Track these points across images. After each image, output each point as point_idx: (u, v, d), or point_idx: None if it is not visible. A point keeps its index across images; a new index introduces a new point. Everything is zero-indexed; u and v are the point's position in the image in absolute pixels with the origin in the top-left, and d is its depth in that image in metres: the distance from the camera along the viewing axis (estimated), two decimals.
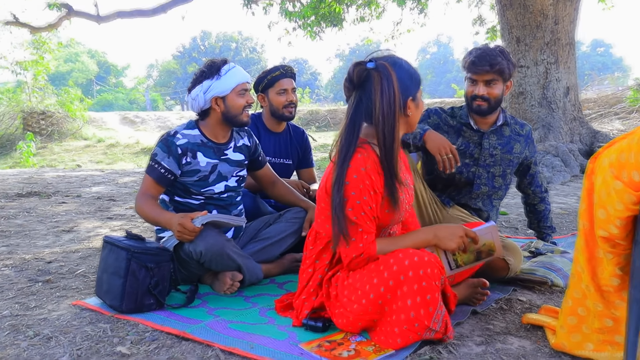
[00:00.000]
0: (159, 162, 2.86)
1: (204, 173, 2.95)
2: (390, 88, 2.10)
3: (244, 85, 2.98)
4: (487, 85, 3.10)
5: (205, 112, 2.98)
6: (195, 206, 2.98)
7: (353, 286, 2.16)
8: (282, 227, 3.20)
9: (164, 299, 2.63)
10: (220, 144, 3.03)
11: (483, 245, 2.40)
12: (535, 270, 2.98)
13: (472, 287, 2.59)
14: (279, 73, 3.65)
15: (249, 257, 2.97)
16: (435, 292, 2.02)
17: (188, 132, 2.96)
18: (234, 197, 3.10)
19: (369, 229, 2.14)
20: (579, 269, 1.90)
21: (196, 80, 2.93)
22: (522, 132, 3.35)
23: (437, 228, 2.30)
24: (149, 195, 2.85)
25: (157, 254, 2.63)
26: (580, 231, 1.86)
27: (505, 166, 3.30)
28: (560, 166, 7.88)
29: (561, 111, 8.60)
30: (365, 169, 2.10)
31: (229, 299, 2.80)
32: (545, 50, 8.52)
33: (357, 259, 2.15)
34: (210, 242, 2.72)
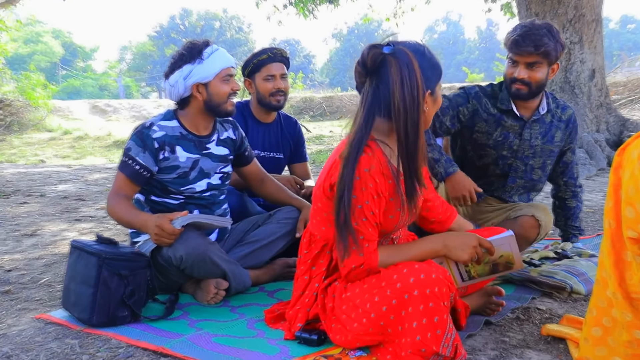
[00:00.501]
0: (132, 158, 2.86)
1: (183, 169, 2.95)
2: (413, 77, 2.06)
3: (229, 70, 2.97)
4: (529, 68, 3.11)
5: (185, 101, 2.98)
6: (174, 206, 2.98)
7: (352, 301, 2.15)
8: (273, 229, 3.21)
9: (140, 311, 2.63)
10: (202, 137, 3.03)
11: (500, 257, 2.36)
12: (555, 273, 2.99)
13: (486, 296, 2.59)
14: (266, 56, 3.66)
15: (235, 263, 2.97)
16: (443, 313, 2.01)
17: (165, 123, 2.95)
18: (218, 195, 3.10)
19: (370, 236, 2.13)
20: (605, 274, 1.90)
21: (175, 65, 2.93)
22: (564, 116, 3.37)
23: (446, 237, 2.29)
24: (122, 194, 2.85)
25: (132, 260, 2.63)
26: (607, 231, 1.86)
27: (545, 157, 3.35)
28: (585, 159, 7.90)
29: (586, 97, 8.61)
30: (369, 170, 2.08)
31: (213, 310, 2.80)
32: (568, 28, 8.53)
33: (357, 269, 2.14)
34: (192, 246, 2.72)
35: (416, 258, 2.18)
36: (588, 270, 3.02)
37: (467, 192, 3.06)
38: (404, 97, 2.06)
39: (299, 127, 4.01)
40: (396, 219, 2.21)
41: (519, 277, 3.03)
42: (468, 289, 2.57)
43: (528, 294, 2.91)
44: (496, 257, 2.35)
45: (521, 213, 3.23)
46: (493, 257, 2.34)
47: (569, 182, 3.51)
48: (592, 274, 2.97)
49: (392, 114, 2.09)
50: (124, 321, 2.58)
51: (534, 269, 3.11)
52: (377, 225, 2.16)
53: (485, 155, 3.35)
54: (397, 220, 2.22)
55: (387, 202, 2.16)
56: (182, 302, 2.90)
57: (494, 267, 2.39)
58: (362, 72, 2.16)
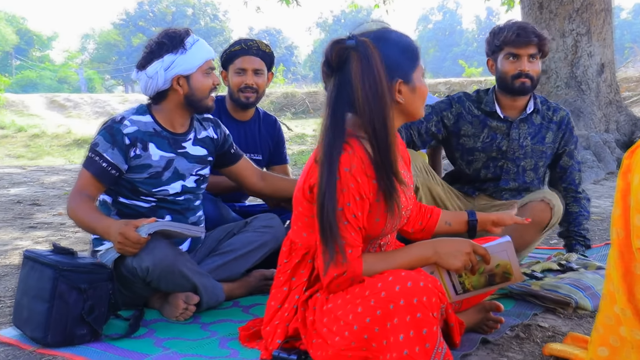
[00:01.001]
0: (100, 154, 2.84)
1: (156, 169, 2.94)
2: (372, 69, 2.09)
3: (210, 63, 3.01)
4: (529, 60, 3.38)
5: (162, 95, 2.98)
6: (145, 210, 2.98)
7: (333, 313, 2.14)
8: (249, 238, 3.20)
9: (101, 328, 2.62)
10: (178, 135, 3.03)
11: (497, 266, 2.35)
12: (558, 287, 3.01)
13: (483, 311, 2.60)
14: (239, 48, 3.69)
15: (207, 275, 2.97)
16: (433, 325, 2.00)
17: (138, 118, 2.95)
18: (192, 200, 3.10)
19: (353, 241, 2.14)
20: (612, 288, 1.91)
21: (153, 54, 2.92)
22: (555, 118, 3.58)
23: (437, 242, 2.29)
24: (85, 194, 2.83)
25: (92, 272, 2.62)
26: (614, 241, 1.87)
27: (537, 158, 3.53)
28: (593, 161, 7.94)
29: (594, 93, 8.66)
30: (350, 170, 2.09)
31: (182, 327, 2.79)
32: (575, 19, 8.58)
33: (339, 278, 2.13)
34: (159, 256, 2.71)
35: (404, 266, 2.17)
36: (595, 284, 3.04)
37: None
38: (366, 93, 2.09)
39: (279, 125, 4.01)
40: (382, 222, 2.22)
41: (519, 290, 3.04)
42: (463, 305, 2.57)
43: (529, 309, 2.92)
44: (492, 267, 2.33)
45: (529, 199, 3.38)
46: (489, 266, 2.32)
47: (569, 188, 3.64)
48: (599, 287, 2.98)
49: (357, 111, 2.13)
50: (83, 340, 2.56)
51: (535, 281, 3.12)
52: (361, 229, 2.16)
53: (475, 160, 3.56)
54: (383, 224, 2.22)
55: (372, 204, 2.16)
56: (147, 319, 2.89)
57: (490, 278, 2.37)
58: (327, 71, 2.18)
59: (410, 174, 2.48)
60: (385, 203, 2.17)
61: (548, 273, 3.31)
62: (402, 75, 2.17)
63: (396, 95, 2.17)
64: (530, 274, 3.25)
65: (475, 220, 2.66)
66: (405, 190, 2.35)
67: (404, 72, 2.18)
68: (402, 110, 2.23)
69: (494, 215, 2.69)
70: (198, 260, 3.15)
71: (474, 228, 2.66)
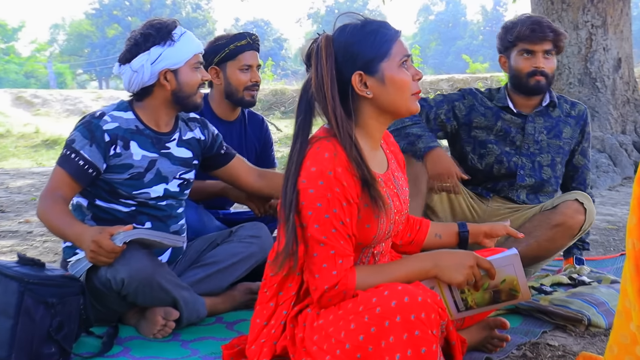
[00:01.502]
0: (77, 151, 2.85)
1: (137, 170, 2.95)
2: (318, 66, 2.17)
3: (199, 57, 3.03)
4: (544, 56, 3.44)
5: (147, 91, 2.99)
6: (123, 215, 2.98)
7: (324, 330, 2.14)
8: (234, 249, 3.21)
9: (71, 347, 2.62)
10: (162, 134, 3.05)
11: (502, 282, 2.34)
12: (569, 302, 3.02)
13: (487, 329, 2.61)
14: (245, 42, 3.66)
15: (188, 288, 2.97)
16: (432, 343, 2.00)
17: (119, 114, 2.97)
18: (175, 207, 3.11)
19: (343, 251, 2.15)
20: (628, 304, 1.92)
21: (138, 47, 2.93)
22: (574, 112, 3.65)
23: (438, 255, 2.30)
24: (58, 195, 2.83)
25: (61, 285, 2.62)
26: (630, 253, 1.88)
27: (554, 154, 3.58)
28: (608, 165, 7.95)
29: (609, 91, 8.67)
30: (334, 173, 2.11)
31: (161, 345, 2.80)
32: (590, 9, 8.59)
33: (331, 291, 2.14)
34: (136, 267, 2.71)
35: (401, 279, 2.17)
36: (609, 300, 3.05)
37: (448, 170, 3.28)
38: (315, 91, 2.18)
39: (267, 126, 4.01)
40: (374, 228, 2.23)
41: (527, 306, 3.05)
42: (465, 321, 2.58)
43: (537, 327, 2.94)
44: (497, 283, 2.32)
45: (560, 200, 3.39)
46: (494, 282, 2.31)
47: (578, 189, 3.66)
48: (613, 303, 2.99)
49: None
50: (51, 359, 2.55)
51: (544, 296, 3.13)
52: (351, 237, 2.17)
53: (487, 153, 3.60)
54: (375, 230, 2.23)
55: (362, 209, 2.18)
56: (122, 336, 2.89)
57: (495, 295, 2.36)
58: (306, 68, 2.29)
59: (405, 177, 2.50)
60: (372, 206, 2.19)
61: (558, 287, 3.33)
62: (362, 67, 2.20)
63: (358, 89, 2.21)
64: (538, 288, 3.26)
65: (466, 232, 2.67)
66: (400, 194, 2.37)
67: (365, 62, 2.20)
68: (376, 105, 2.25)
69: (486, 226, 2.70)
70: (178, 272, 3.14)
71: (465, 240, 2.67)
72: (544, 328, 2.92)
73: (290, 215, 2.14)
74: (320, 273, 2.14)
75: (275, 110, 20.90)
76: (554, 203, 3.41)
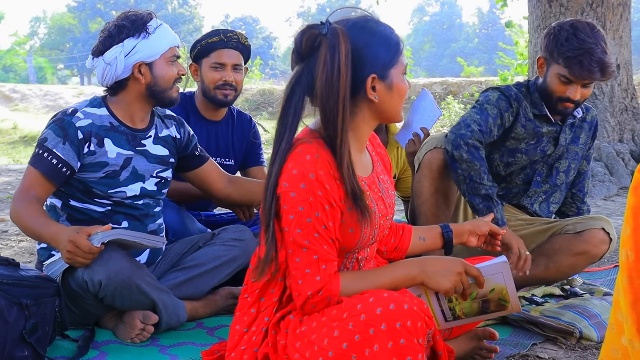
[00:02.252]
0: (49, 150, 2.84)
1: (113, 167, 2.95)
2: (335, 60, 2.11)
3: (175, 51, 3.03)
4: (585, 87, 3.33)
5: (121, 85, 3.00)
6: (99, 215, 2.98)
7: (307, 337, 2.13)
8: (217, 252, 3.21)
9: (45, 350, 2.61)
10: (137, 131, 3.05)
11: (491, 291, 2.33)
12: (561, 314, 3.04)
13: (476, 339, 2.61)
14: (217, 39, 3.68)
15: (167, 291, 2.97)
16: (418, 353, 2.00)
17: (92, 110, 2.97)
18: (152, 206, 3.10)
19: (327, 255, 2.15)
20: (620, 317, 1.92)
21: (111, 39, 2.93)
22: (588, 117, 3.67)
23: (425, 260, 2.29)
24: (32, 195, 2.82)
25: (36, 286, 2.61)
26: (623, 264, 1.88)
27: (570, 159, 3.60)
28: (604, 174, 7.98)
29: (607, 98, 8.70)
30: (316, 176, 2.11)
31: (138, 350, 2.79)
32: (589, 13, 8.61)
33: (315, 297, 2.14)
34: (114, 269, 2.71)
35: (387, 285, 2.18)
36: (602, 312, 3.07)
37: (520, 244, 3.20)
38: (323, 85, 2.11)
39: (255, 125, 4.01)
40: (357, 233, 2.23)
41: (517, 316, 3.06)
42: (453, 331, 2.58)
43: (527, 339, 2.94)
44: (486, 292, 2.32)
45: (586, 227, 3.36)
46: (482, 291, 2.31)
47: (577, 196, 3.74)
48: (606, 316, 3.01)
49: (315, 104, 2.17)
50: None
51: (534, 307, 3.15)
52: (334, 242, 2.18)
53: (515, 162, 3.58)
54: (358, 234, 2.23)
55: (345, 213, 2.19)
56: (98, 340, 2.88)
57: (483, 305, 2.35)
58: (296, 59, 2.21)
59: (391, 180, 2.51)
60: (356, 211, 2.19)
61: (549, 298, 3.34)
62: (377, 71, 2.19)
63: (369, 93, 2.20)
64: (529, 299, 3.27)
65: (450, 232, 2.68)
66: (385, 197, 2.37)
67: (380, 66, 2.20)
68: (375, 110, 2.25)
69: (469, 224, 2.71)
70: (158, 275, 3.14)
71: (449, 241, 2.68)
72: (534, 340, 2.93)
73: (271, 220, 2.15)
74: (303, 279, 2.14)
75: (262, 111, 20.90)
76: (576, 228, 3.36)
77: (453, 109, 17.12)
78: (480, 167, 3.28)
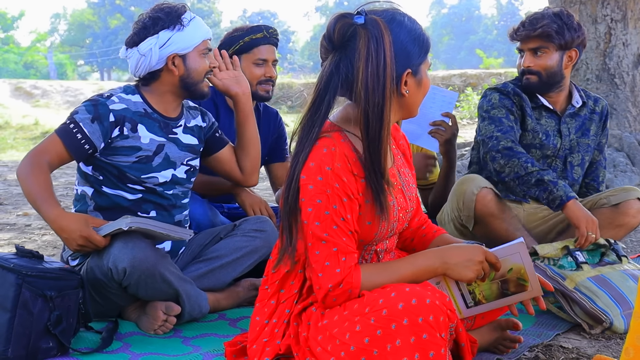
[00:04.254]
0: (76, 123, 2.87)
1: (146, 152, 2.98)
2: (380, 52, 2.10)
3: (207, 44, 3.06)
4: (535, 55, 3.47)
5: (154, 75, 3.03)
6: (128, 204, 3.00)
7: (329, 330, 2.13)
8: (238, 243, 3.22)
9: (69, 342, 2.62)
10: (169, 119, 3.08)
11: (509, 271, 2.30)
12: (597, 296, 2.94)
13: (499, 330, 2.60)
14: (261, 35, 3.67)
15: (190, 282, 2.98)
16: (440, 347, 1.99)
17: (127, 97, 3.00)
18: (181, 197, 3.13)
19: (346, 248, 2.14)
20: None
21: (146, 30, 2.95)
22: (597, 108, 3.71)
23: (445, 252, 2.25)
24: (45, 160, 2.85)
25: (60, 278, 2.62)
26: None
27: (583, 152, 3.64)
28: (626, 164, 7.93)
29: (629, 88, 8.64)
30: (332, 168, 2.11)
31: (161, 341, 2.80)
32: (609, 3, 8.54)
33: (335, 290, 2.13)
34: (139, 257, 2.71)
35: (408, 278, 2.16)
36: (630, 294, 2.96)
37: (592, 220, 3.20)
38: (367, 77, 2.10)
39: (281, 120, 4.01)
40: (375, 226, 2.22)
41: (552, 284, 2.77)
42: (476, 322, 2.56)
43: (551, 329, 2.93)
44: (504, 272, 2.29)
45: (621, 199, 3.43)
46: (500, 271, 2.29)
47: (591, 185, 3.75)
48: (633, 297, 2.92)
49: (353, 96, 2.15)
50: (48, 354, 2.56)
51: (570, 274, 3.04)
52: (353, 234, 2.17)
53: None
54: (376, 227, 2.23)
55: (362, 206, 2.18)
56: (122, 332, 2.89)
57: (502, 286, 2.32)
58: (327, 47, 2.20)
59: (412, 172, 2.49)
60: (374, 205, 2.18)
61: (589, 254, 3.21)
62: (411, 66, 2.20)
63: (402, 87, 2.19)
64: (572, 252, 3.16)
65: None
66: (405, 190, 2.36)
67: (414, 62, 2.20)
68: (402, 105, 2.25)
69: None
70: (181, 266, 3.15)
71: None
72: (558, 330, 2.91)
73: (290, 212, 2.16)
74: (324, 271, 2.13)
75: (282, 105, 20.92)
76: (611, 201, 3.44)
77: (472, 101, 17.08)
78: (519, 160, 3.34)
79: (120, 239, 2.73)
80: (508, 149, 3.38)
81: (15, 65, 52.53)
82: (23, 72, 51.18)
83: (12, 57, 53.34)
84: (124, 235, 2.72)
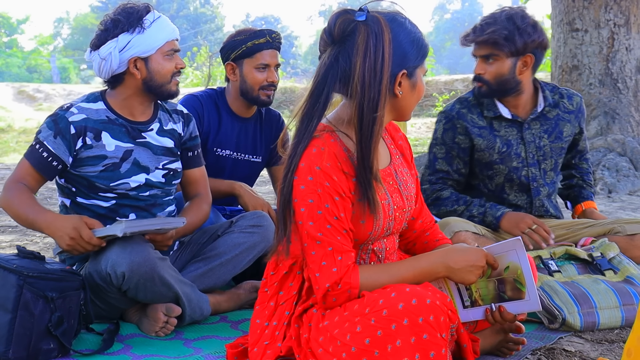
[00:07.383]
0: (41, 143, 2.87)
1: (112, 160, 2.96)
2: (379, 48, 2.12)
3: (173, 44, 3.01)
4: (486, 61, 3.36)
5: (118, 79, 3.00)
6: (105, 211, 2.99)
7: (330, 331, 2.14)
8: (236, 240, 3.22)
9: (70, 343, 2.63)
10: (137, 123, 3.05)
11: (506, 268, 2.30)
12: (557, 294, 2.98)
13: (502, 332, 2.59)
14: (264, 40, 3.64)
15: (191, 284, 2.97)
16: (441, 347, 2.00)
17: (88, 105, 2.97)
18: (160, 196, 3.11)
19: (341, 246, 2.14)
20: None
21: (107, 33, 2.93)
22: (572, 106, 3.61)
23: (448, 255, 2.25)
24: (23, 185, 2.86)
25: (61, 279, 2.62)
26: None
27: (556, 157, 3.58)
28: (628, 169, 7.92)
29: (631, 93, 8.64)
30: (322, 168, 2.12)
31: (162, 343, 2.80)
32: (612, 7, 8.54)
33: (334, 290, 2.13)
34: (137, 261, 2.71)
35: (409, 280, 2.16)
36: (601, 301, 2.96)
37: (522, 218, 3.30)
38: (364, 71, 2.11)
39: (283, 122, 3.99)
40: (369, 224, 2.23)
41: None
42: (479, 324, 2.56)
43: (553, 332, 2.92)
44: (501, 270, 2.30)
45: (636, 230, 3.38)
46: (497, 270, 2.29)
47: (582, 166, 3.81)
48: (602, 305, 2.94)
49: (349, 91, 2.15)
50: (49, 356, 2.57)
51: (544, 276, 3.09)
52: (348, 232, 2.17)
53: (496, 174, 3.57)
54: (370, 226, 2.23)
55: (355, 204, 2.18)
56: (123, 334, 2.90)
57: (499, 287, 2.31)
58: (327, 41, 2.21)
59: (412, 172, 2.49)
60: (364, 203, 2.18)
61: (569, 263, 3.22)
62: (407, 68, 2.21)
63: (396, 87, 2.20)
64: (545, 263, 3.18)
65: None
66: (402, 190, 2.36)
67: (410, 64, 2.22)
68: (394, 106, 2.26)
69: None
70: (179, 266, 3.16)
71: None
72: (561, 334, 2.91)
73: (286, 213, 2.17)
74: (320, 271, 2.14)
75: (284, 109, 20.89)
76: (626, 230, 3.38)
77: None
78: (447, 208, 3.48)
79: (118, 243, 2.73)
80: (435, 200, 3.50)
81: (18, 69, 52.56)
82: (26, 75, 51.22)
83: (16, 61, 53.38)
84: (121, 239, 2.72)
